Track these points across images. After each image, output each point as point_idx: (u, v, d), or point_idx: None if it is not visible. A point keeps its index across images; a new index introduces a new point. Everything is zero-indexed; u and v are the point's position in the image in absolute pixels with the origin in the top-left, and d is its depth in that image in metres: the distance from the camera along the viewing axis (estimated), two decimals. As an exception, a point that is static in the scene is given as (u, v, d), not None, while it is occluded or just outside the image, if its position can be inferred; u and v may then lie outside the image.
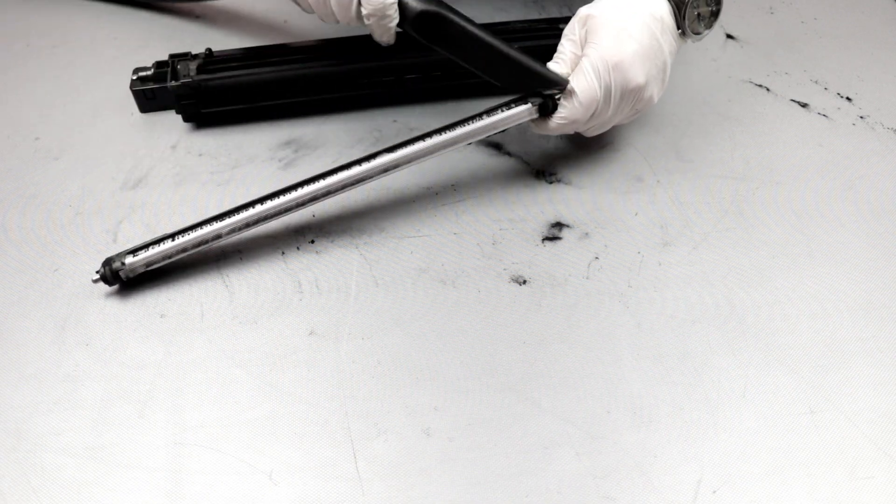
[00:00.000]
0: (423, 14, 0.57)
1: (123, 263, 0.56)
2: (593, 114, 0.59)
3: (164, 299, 0.57)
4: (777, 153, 0.68)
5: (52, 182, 0.66)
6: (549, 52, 0.70)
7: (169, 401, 0.52)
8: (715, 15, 0.61)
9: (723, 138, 0.69)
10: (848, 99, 0.72)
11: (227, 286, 0.58)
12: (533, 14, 0.81)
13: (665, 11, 0.58)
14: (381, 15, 0.57)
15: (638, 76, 0.57)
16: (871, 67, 0.76)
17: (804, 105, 0.72)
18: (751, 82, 0.74)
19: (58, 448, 0.49)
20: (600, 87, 0.57)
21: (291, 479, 0.48)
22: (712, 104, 0.72)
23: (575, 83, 0.58)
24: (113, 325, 0.56)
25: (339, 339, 0.55)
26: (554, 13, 0.81)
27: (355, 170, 0.59)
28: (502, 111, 0.61)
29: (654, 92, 0.60)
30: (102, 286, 0.57)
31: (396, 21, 0.58)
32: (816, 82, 0.74)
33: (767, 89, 0.74)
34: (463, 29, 0.58)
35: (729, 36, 0.80)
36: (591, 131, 0.63)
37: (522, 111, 0.61)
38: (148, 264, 0.57)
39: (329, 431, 0.50)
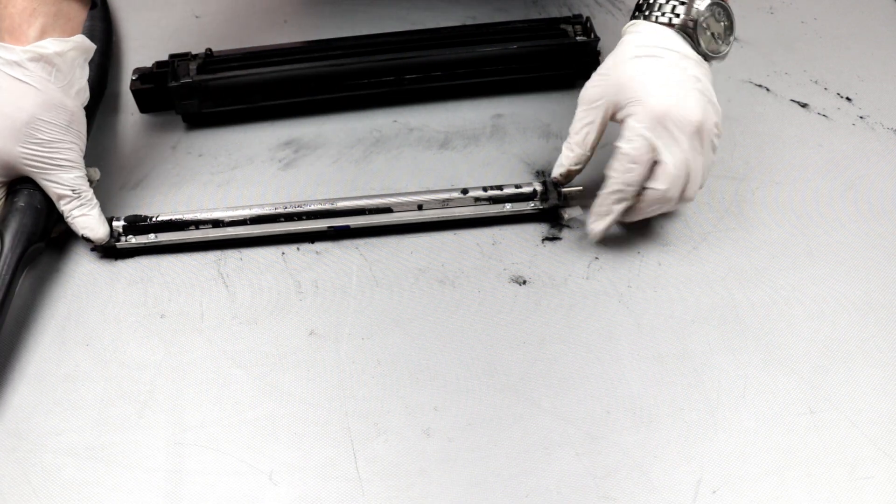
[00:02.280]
0: None
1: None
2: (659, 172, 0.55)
3: (164, 299, 0.57)
4: (777, 153, 0.68)
5: (52, 182, 0.65)
6: (549, 52, 0.70)
7: (169, 401, 0.52)
8: (729, 29, 0.58)
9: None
10: (848, 99, 0.72)
11: (227, 286, 0.58)
12: (533, 14, 0.81)
13: (681, 44, 0.56)
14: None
15: (692, 114, 0.54)
16: (871, 67, 0.76)
17: (804, 105, 0.72)
18: (751, 82, 0.74)
19: (58, 448, 0.49)
20: (654, 139, 0.54)
21: (291, 479, 0.48)
22: (712, 104, 0.71)
23: (622, 143, 0.55)
24: (113, 325, 0.56)
25: (339, 339, 0.55)
26: (554, 13, 0.81)
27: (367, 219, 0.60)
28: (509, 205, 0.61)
29: (716, 119, 0.56)
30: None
31: None
32: (816, 82, 0.74)
33: (767, 89, 0.74)
34: None
35: (729, 36, 0.80)
36: (692, 191, 0.57)
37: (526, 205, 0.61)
38: (145, 218, 0.59)
39: (329, 431, 0.50)
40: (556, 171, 0.61)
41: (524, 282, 0.58)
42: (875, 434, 0.50)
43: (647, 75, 0.55)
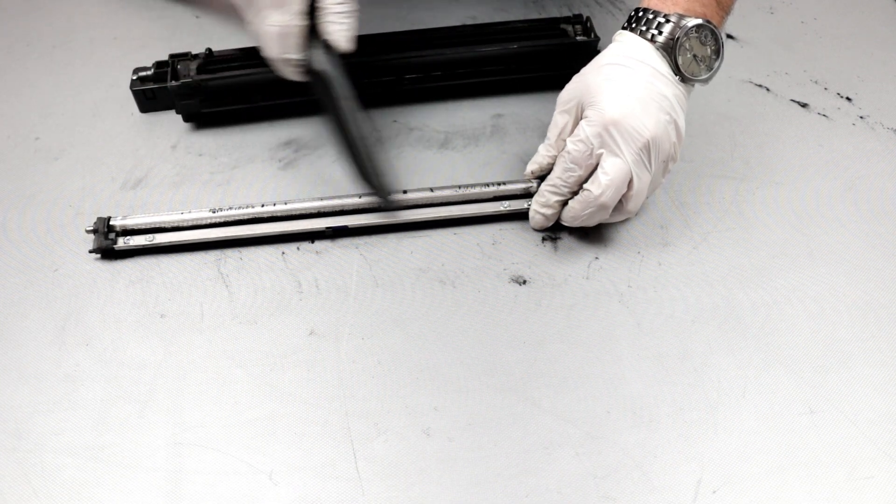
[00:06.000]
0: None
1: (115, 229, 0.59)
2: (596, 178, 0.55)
3: (164, 299, 0.57)
4: (777, 153, 0.68)
5: (52, 182, 0.66)
6: (549, 52, 0.70)
7: (169, 401, 0.52)
8: (716, 54, 0.56)
9: (723, 138, 0.69)
10: (848, 99, 0.72)
11: (227, 286, 0.58)
12: (533, 14, 0.81)
13: (657, 60, 0.56)
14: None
15: (644, 128, 0.53)
16: (871, 67, 0.76)
17: (804, 105, 0.72)
18: (751, 82, 0.74)
19: (58, 448, 0.50)
20: (598, 145, 0.54)
21: (291, 479, 0.48)
22: (712, 104, 0.72)
23: (569, 141, 0.56)
24: (113, 325, 0.56)
25: (339, 339, 0.55)
26: (554, 13, 0.81)
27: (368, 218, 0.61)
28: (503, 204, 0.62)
29: (674, 141, 0.56)
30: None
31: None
32: (816, 82, 0.74)
33: (767, 89, 0.74)
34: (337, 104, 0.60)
35: (729, 36, 0.80)
36: (633, 204, 0.57)
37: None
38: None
39: (329, 431, 0.50)
40: (530, 168, 0.62)
41: (524, 282, 0.58)
42: (875, 434, 0.50)
43: (610, 82, 0.55)
